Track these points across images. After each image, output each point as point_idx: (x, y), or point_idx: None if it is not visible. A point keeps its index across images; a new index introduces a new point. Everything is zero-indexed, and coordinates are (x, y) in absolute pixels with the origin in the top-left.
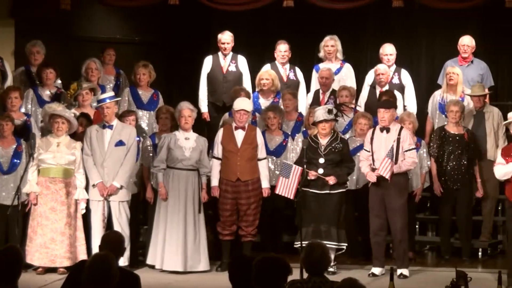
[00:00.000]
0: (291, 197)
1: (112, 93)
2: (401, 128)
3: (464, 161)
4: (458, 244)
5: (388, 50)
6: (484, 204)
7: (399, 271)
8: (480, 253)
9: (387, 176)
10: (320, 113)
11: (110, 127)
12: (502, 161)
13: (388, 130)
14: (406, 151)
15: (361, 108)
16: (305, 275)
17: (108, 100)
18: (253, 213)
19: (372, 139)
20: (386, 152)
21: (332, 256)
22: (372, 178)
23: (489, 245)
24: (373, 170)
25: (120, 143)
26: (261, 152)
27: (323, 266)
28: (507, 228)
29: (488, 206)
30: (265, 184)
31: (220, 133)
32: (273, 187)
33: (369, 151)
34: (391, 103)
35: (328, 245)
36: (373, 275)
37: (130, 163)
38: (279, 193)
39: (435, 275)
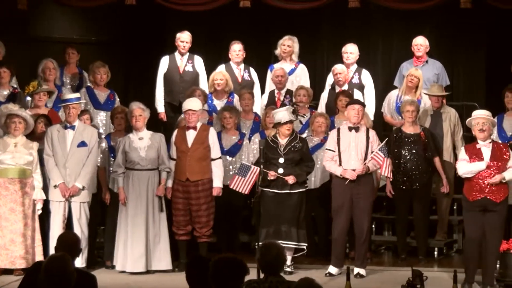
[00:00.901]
0: (246, 193)
1: (78, 94)
2: (367, 128)
3: (422, 160)
4: (414, 243)
5: (350, 49)
6: (440, 203)
7: (355, 271)
8: (436, 252)
9: (391, 175)
10: (286, 114)
11: (72, 127)
12: (466, 157)
13: (357, 130)
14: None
15: (321, 108)
16: (262, 275)
17: (75, 101)
18: (205, 214)
19: (338, 139)
20: (358, 151)
21: (289, 257)
22: (352, 176)
23: (444, 244)
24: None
25: (82, 144)
26: (214, 152)
27: (278, 266)
28: (464, 227)
29: (444, 205)
30: (217, 183)
31: (174, 133)
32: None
33: (334, 151)
34: (362, 102)
35: (288, 245)
36: (330, 274)
37: (92, 164)
38: (233, 187)
39: (391, 275)
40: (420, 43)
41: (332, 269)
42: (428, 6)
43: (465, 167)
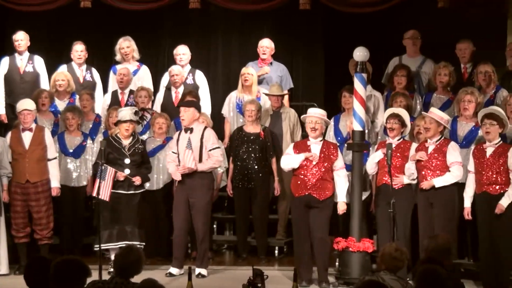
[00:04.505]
0: (107, 199)
1: None
2: (205, 128)
3: (260, 160)
4: (255, 242)
5: (181, 50)
6: (280, 203)
7: (197, 271)
8: (276, 251)
9: (193, 166)
10: (127, 113)
11: None
12: (291, 152)
13: (191, 130)
14: (210, 150)
15: (157, 109)
16: (104, 276)
17: None
18: (46, 215)
19: (178, 140)
20: (193, 151)
21: None
22: (177, 177)
23: (285, 243)
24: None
25: None
26: (50, 152)
27: (136, 271)
28: (292, 224)
29: (283, 204)
30: (54, 183)
31: (8, 135)
32: (78, 188)
33: (176, 153)
34: (191, 103)
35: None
36: (171, 275)
37: None
38: (97, 195)
39: (232, 274)
40: (266, 45)
41: (173, 270)
42: (267, 7)
43: (286, 159)
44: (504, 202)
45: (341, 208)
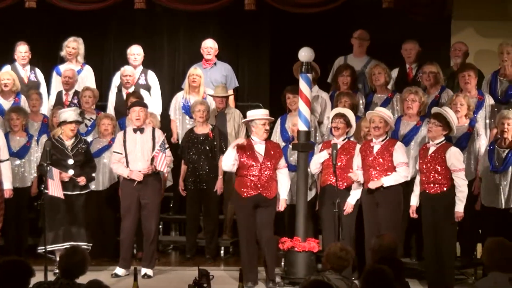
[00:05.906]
0: (62, 197)
1: None
2: (154, 128)
3: (211, 161)
4: (202, 243)
5: (134, 50)
6: (225, 203)
7: (143, 271)
8: (222, 252)
9: (165, 170)
10: (72, 114)
11: None
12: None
13: (142, 131)
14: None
15: (110, 111)
16: (50, 277)
17: None
18: None
19: (124, 141)
20: (143, 152)
21: None
22: (139, 177)
23: (231, 243)
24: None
25: None
26: (3, 154)
27: (80, 271)
28: (238, 224)
29: (229, 205)
30: (7, 185)
31: None
32: (22, 188)
33: (121, 153)
34: (144, 103)
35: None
36: (116, 275)
37: None
38: (52, 194)
39: (178, 274)
40: (210, 46)
41: (119, 270)
42: (212, 8)
43: (223, 161)
44: (459, 209)
45: (283, 205)
